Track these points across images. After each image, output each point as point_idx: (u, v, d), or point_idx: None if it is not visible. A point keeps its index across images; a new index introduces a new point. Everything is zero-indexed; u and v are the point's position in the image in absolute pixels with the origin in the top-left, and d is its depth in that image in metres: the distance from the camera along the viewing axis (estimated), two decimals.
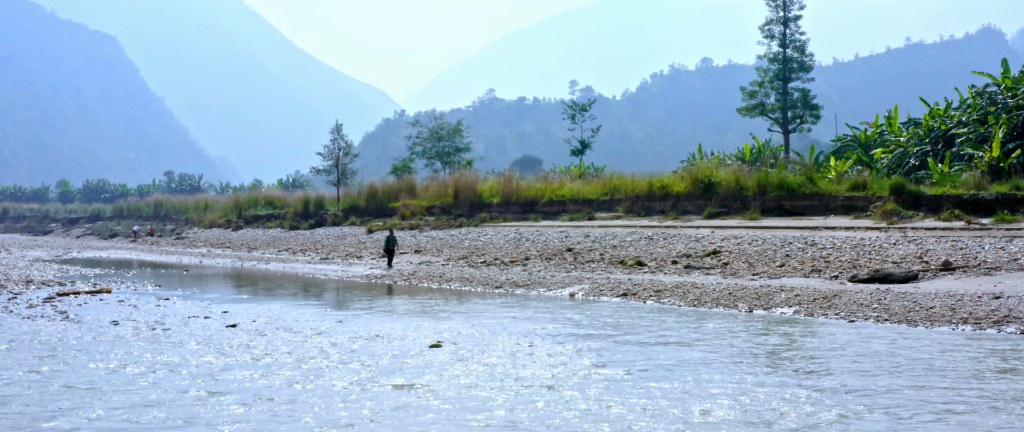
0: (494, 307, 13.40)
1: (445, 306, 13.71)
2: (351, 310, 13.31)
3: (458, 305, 13.83)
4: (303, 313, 12.66)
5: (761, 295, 13.27)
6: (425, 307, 13.62)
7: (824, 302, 12.40)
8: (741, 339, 9.81)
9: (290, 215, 36.69)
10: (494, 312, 12.69)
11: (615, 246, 20.68)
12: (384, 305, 14.16)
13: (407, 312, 12.90)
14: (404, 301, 14.73)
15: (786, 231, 19.72)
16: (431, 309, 13.26)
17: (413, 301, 14.69)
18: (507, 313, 12.51)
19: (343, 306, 13.99)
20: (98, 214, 66.07)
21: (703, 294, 13.71)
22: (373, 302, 14.72)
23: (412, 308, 13.54)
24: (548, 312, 12.58)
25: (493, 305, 13.70)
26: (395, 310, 13.28)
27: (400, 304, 14.21)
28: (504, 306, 13.51)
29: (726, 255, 18.04)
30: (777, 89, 37.51)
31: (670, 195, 25.20)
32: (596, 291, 14.96)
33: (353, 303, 14.61)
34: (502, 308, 13.24)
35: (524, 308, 13.17)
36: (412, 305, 14.05)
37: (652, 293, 14.21)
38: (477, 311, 12.87)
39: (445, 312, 12.82)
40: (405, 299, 15.08)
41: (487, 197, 29.34)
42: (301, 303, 14.37)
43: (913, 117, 32.68)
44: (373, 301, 14.94)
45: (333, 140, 37.11)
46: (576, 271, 18.09)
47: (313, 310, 13.12)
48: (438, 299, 14.94)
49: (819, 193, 22.73)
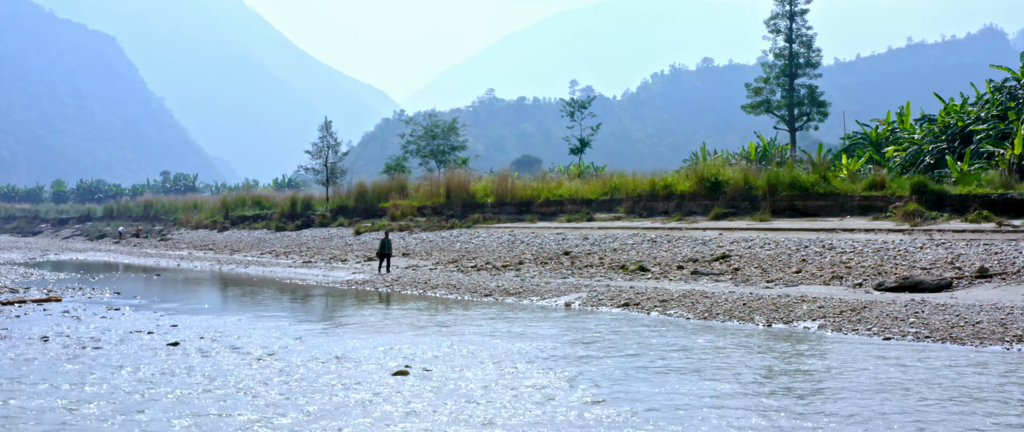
0: (480, 319, 11.95)
1: (424, 318, 12.25)
2: (318, 323, 11.85)
3: (440, 317, 12.38)
4: (262, 327, 11.21)
5: (779, 306, 11.82)
6: (401, 320, 12.16)
7: (852, 315, 10.95)
8: (764, 363, 8.34)
9: (276, 216, 35.20)
10: (479, 326, 11.24)
11: (615, 249, 19.23)
12: (356, 317, 12.70)
13: (380, 326, 11.45)
14: (380, 312, 13.27)
15: (800, 233, 18.26)
16: (408, 322, 11.80)
17: (390, 312, 13.24)
18: (493, 327, 11.06)
19: (311, 318, 12.53)
20: (88, 215, 64.82)
21: (714, 305, 12.25)
22: (345, 313, 13.27)
23: (387, 321, 12.09)
24: (540, 326, 11.13)
25: (479, 317, 12.25)
26: (367, 323, 11.82)
27: (375, 316, 12.76)
28: (491, 318, 12.06)
29: (736, 260, 16.58)
30: (783, 85, 36.06)
31: (674, 195, 23.74)
32: (594, 300, 13.51)
33: (323, 314, 13.16)
34: (489, 320, 11.79)
35: (513, 321, 11.72)
36: (388, 317, 12.60)
37: (656, 303, 12.76)
38: (459, 325, 11.42)
39: (423, 326, 11.37)
40: (382, 309, 13.63)
41: (481, 197, 27.84)
42: (265, 314, 12.92)
43: (928, 113, 31.34)
44: (346, 312, 13.49)
45: (322, 137, 35.59)
46: (573, 277, 16.64)
47: (275, 323, 11.67)
48: (419, 309, 13.49)
49: (834, 192, 21.26)
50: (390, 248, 19.33)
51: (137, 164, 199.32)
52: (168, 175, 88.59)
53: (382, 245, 19.20)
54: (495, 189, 27.50)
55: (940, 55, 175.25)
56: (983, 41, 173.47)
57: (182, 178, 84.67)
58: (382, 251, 19.11)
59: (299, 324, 11.62)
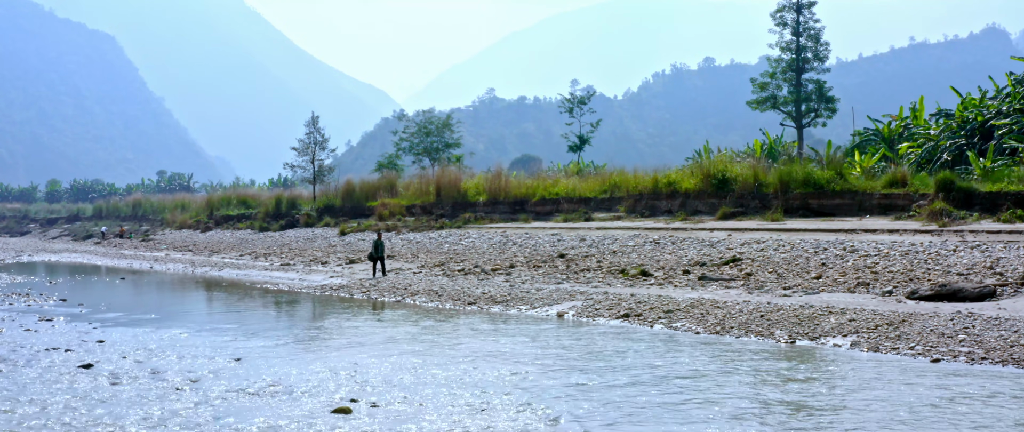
0: (458, 333, 10.42)
1: (394, 331, 10.72)
2: (267, 338, 10.30)
3: (412, 330, 10.84)
4: (202, 343, 9.68)
5: (803, 319, 10.28)
6: (367, 334, 10.62)
7: (889, 330, 9.40)
8: (796, 398, 6.80)
9: (260, 216, 33.62)
10: (455, 342, 9.71)
11: (615, 252, 17.69)
12: (317, 330, 11.16)
13: (339, 342, 9.91)
14: (346, 323, 11.73)
15: (818, 234, 16.70)
16: (373, 337, 10.27)
17: (357, 323, 11.70)
18: (471, 344, 9.52)
19: (264, 331, 10.99)
20: (77, 214, 63.63)
21: (727, 316, 10.71)
22: (306, 325, 11.73)
23: (349, 335, 10.55)
24: (526, 342, 9.59)
25: (458, 330, 10.71)
26: (325, 339, 10.28)
27: (336, 329, 11.22)
28: (472, 332, 10.53)
29: (748, 263, 15.03)
30: (790, 80, 34.50)
31: (678, 193, 22.16)
32: (590, 310, 11.97)
33: (279, 326, 11.61)
34: (468, 335, 10.26)
35: (496, 335, 10.19)
36: (352, 330, 11.05)
37: (661, 314, 11.21)
38: (433, 340, 9.88)
39: (389, 342, 9.83)
40: (348, 320, 12.09)
41: (472, 195, 26.24)
42: (214, 326, 11.38)
43: (943, 108, 29.86)
44: (307, 323, 11.95)
45: (308, 133, 34.00)
46: (568, 283, 15.10)
47: (219, 338, 10.14)
48: (392, 320, 11.95)
49: (851, 190, 19.70)
50: (383, 250, 17.67)
51: (136, 164, 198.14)
52: (164, 175, 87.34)
53: (374, 247, 17.46)
54: (488, 187, 25.91)
55: (942, 55, 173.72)
56: (986, 41, 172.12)
57: (177, 178, 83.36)
58: (374, 253, 17.49)
59: (247, 340, 10.08)
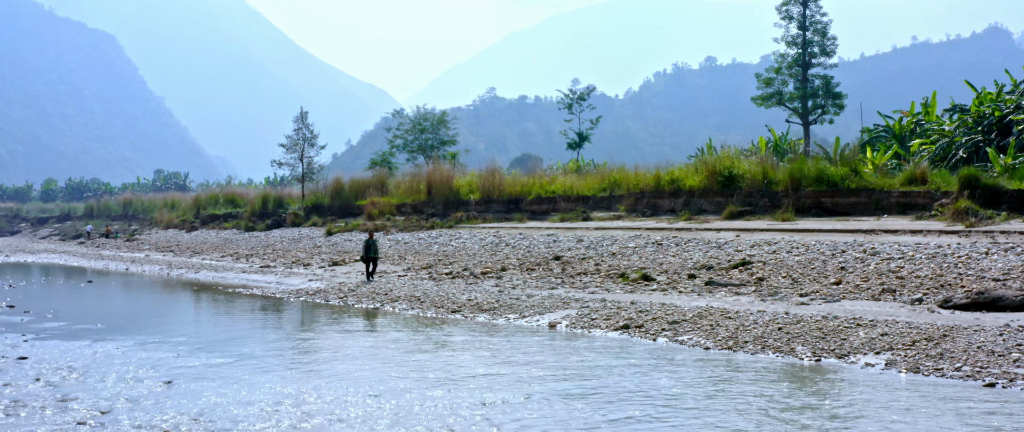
0: (432, 349, 9.17)
1: (360, 346, 9.46)
2: (214, 354, 9.02)
3: (381, 344, 9.59)
4: (136, 360, 8.43)
5: (827, 332, 9.02)
6: (328, 350, 9.37)
7: (929, 347, 8.14)
8: None
9: (246, 215, 32.36)
10: (426, 360, 8.46)
11: (615, 254, 16.43)
12: (274, 343, 9.89)
13: (292, 360, 8.65)
14: (307, 337, 10.48)
15: (833, 235, 15.42)
16: (334, 354, 9.02)
17: (320, 337, 10.44)
18: (445, 363, 8.27)
19: (213, 345, 9.71)
20: (68, 213, 62.71)
21: (740, 329, 9.44)
22: (265, 337, 10.46)
23: (306, 352, 9.29)
24: (510, 360, 8.33)
25: (433, 345, 9.46)
26: (277, 355, 9.01)
27: (295, 343, 9.96)
28: (449, 347, 9.27)
29: (759, 267, 13.77)
30: (796, 76, 33.26)
31: (682, 191, 20.88)
32: (586, 320, 10.72)
33: (233, 339, 10.33)
34: (444, 351, 9.01)
35: (477, 351, 8.93)
36: (310, 346, 9.80)
37: (665, 325, 9.96)
38: (401, 359, 8.63)
39: (351, 360, 8.57)
40: (312, 332, 10.85)
41: (465, 194, 24.96)
42: (160, 338, 10.13)
43: (958, 103, 28.62)
44: (267, 335, 10.68)
45: (297, 129, 32.74)
46: (562, 288, 13.84)
47: (158, 353, 8.89)
48: (361, 332, 10.71)
49: (867, 188, 18.41)
50: (376, 251, 16.31)
51: (136, 163, 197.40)
52: (161, 174, 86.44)
53: (366, 247, 16.13)
54: (481, 185, 24.62)
55: (945, 54, 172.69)
56: (988, 40, 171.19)
57: (174, 177, 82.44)
58: (367, 255, 16.09)
59: (190, 356, 8.82)
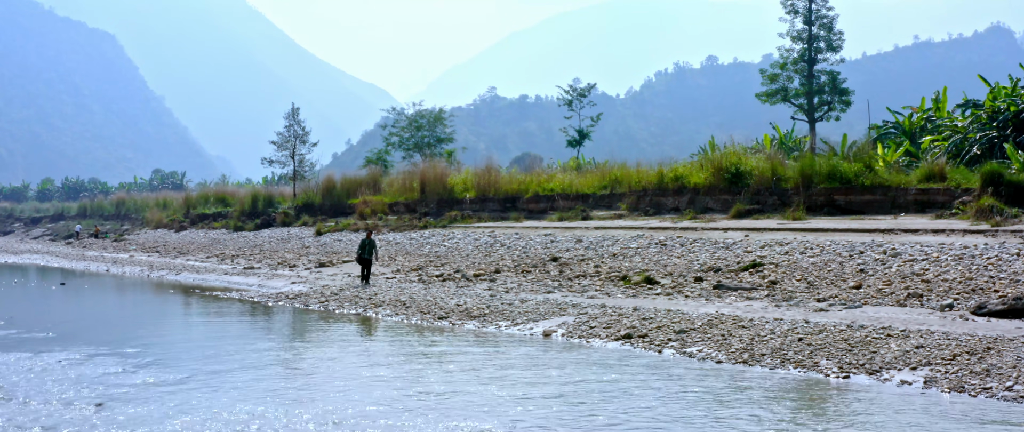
0: (409, 363, 8.20)
1: (329, 359, 8.49)
2: (164, 368, 8.03)
3: (351, 358, 8.62)
4: (76, 376, 7.47)
5: (854, 344, 8.04)
6: (290, 364, 8.40)
7: (972, 361, 7.18)
8: None
9: (235, 215, 31.40)
10: (399, 375, 7.49)
11: (616, 255, 15.45)
12: (228, 358, 8.89)
13: (247, 377, 7.67)
14: (272, 348, 9.51)
15: (849, 235, 14.44)
16: (296, 369, 8.05)
17: (286, 348, 9.47)
18: (420, 381, 7.30)
19: (166, 357, 8.74)
20: (62, 213, 62.00)
21: (755, 340, 8.47)
22: (223, 348, 9.46)
23: (265, 367, 8.32)
24: (495, 377, 7.37)
25: (410, 358, 8.50)
26: (232, 371, 8.02)
27: (257, 356, 8.98)
28: (428, 361, 8.31)
29: (771, 269, 12.79)
30: (802, 71, 32.27)
31: (686, 188, 19.90)
32: (584, 328, 9.75)
33: (190, 349, 9.33)
34: (421, 366, 8.04)
35: (460, 365, 7.97)
36: (273, 359, 8.82)
37: (671, 335, 8.99)
38: (370, 375, 7.67)
39: (312, 377, 7.61)
40: (280, 342, 9.89)
41: (459, 192, 23.96)
42: (111, 349, 9.16)
43: (971, 99, 27.67)
44: (225, 345, 9.68)
45: (287, 126, 31.76)
46: (559, 291, 12.87)
47: (102, 368, 7.92)
48: (334, 342, 9.75)
49: (882, 185, 17.43)
50: (373, 251, 14.99)
51: (136, 163, 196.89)
52: (160, 173, 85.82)
53: (362, 248, 14.94)
54: (476, 183, 23.63)
55: (947, 53, 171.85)
56: (990, 39, 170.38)
57: (171, 176, 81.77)
58: (363, 256, 14.89)
59: (136, 370, 7.84)
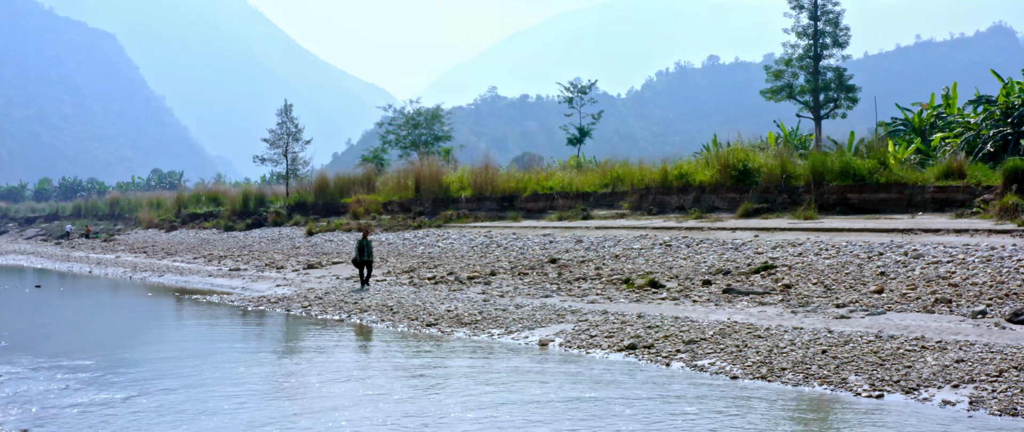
0: (385, 379, 7.36)
1: (296, 373, 7.66)
2: (114, 384, 7.18)
3: (321, 373, 7.78)
4: (10, 393, 6.66)
5: (885, 357, 7.21)
6: (247, 382, 7.56)
7: (1023, 378, 6.34)
8: None
9: (226, 214, 30.57)
10: (370, 394, 6.66)
11: (618, 256, 14.62)
12: (188, 374, 8.03)
13: (198, 397, 6.84)
14: (237, 359, 8.68)
15: (866, 235, 13.59)
16: (252, 388, 7.22)
17: (253, 359, 8.63)
18: (394, 401, 6.46)
19: (122, 368, 7.89)
20: (56, 213, 61.38)
21: (774, 351, 7.63)
22: (185, 359, 8.64)
23: (223, 384, 7.48)
24: (479, 398, 6.53)
25: (387, 372, 7.66)
26: (182, 390, 7.19)
27: (219, 370, 8.15)
28: (408, 377, 7.47)
29: (784, 272, 11.96)
30: (807, 68, 31.40)
31: (691, 186, 19.06)
32: (584, 337, 8.91)
33: (151, 360, 8.46)
34: (399, 383, 7.20)
35: (442, 383, 7.13)
36: (232, 375, 8.00)
37: (680, 345, 8.15)
38: (334, 394, 6.83)
39: (269, 397, 6.78)
40: (248, 353, 9.05)
41: (455, 190, 23.12)
42: (63, 361, 8.32)
43: (984, 94, 26.84)
44: (189, 355, 8.87)
45: (280, 123, 30.95)
46: (558, 295, 12.04)
47: (42, 385, 7.09)
48: (306, 353, 8.92)
49: (898, 182, 16.59)
50: (371, 253, 14.20)
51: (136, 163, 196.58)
52: (158, 173, 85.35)
53: (359, 249, 14.13)
54: (473, 181, 22.79)
55: (949, 53, 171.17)
56: (992, 39, 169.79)
57: (169, 176, 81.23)
58: (359, 257, 14.06)
59: (84, 386, 7.01)
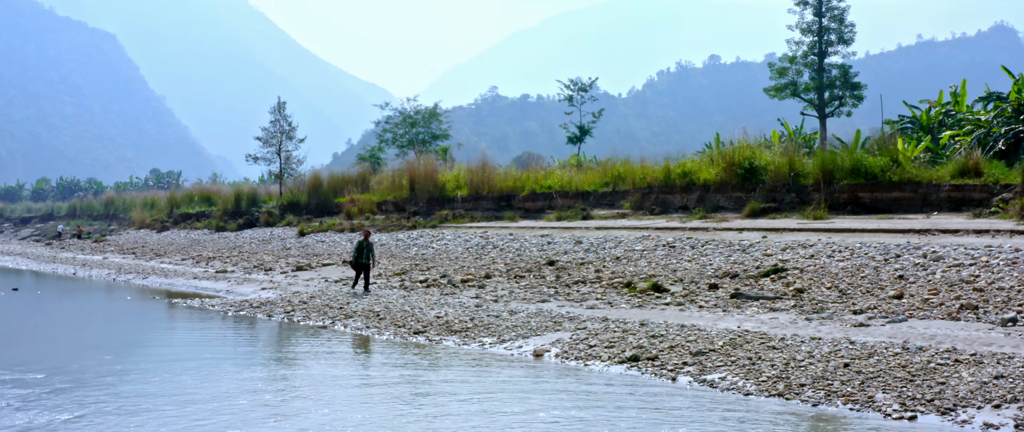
0: (362, 394, 6.68)
1: (258, 388, 6.98)
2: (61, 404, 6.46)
3: (289, 388, 7.10)
4: None
5: (914, 372, 6.52)
6: (203, 402, 6.89)
7: None
8: None
9: (218, 215, 29.90)
10: (342, 418, 5.97)
11: (619, 258, 13.93)
12: (144, 393, 7.38)
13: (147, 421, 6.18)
14: (203, 374, 8.00)
15: (881, 236, 12.89)
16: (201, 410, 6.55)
17: (219, 373, 7.96)
18: (346, 418, 5.77)
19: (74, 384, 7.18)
20: (51, 213, 60.99)
21: (791, 365, 6.94)
22: (140, 378, 7.94)
23: (174, 405, 6.82)
24: (459, 419, 5.85)
25: (365, 386, 6.97)
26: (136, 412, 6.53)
27: (179, 386, 7.48)
28: (385, 394, 6.78)
29: (796, 275, 11.27)
30: (812, 65, 30.72)
31: (695, 185, 18.37)
32: (582, 347, 8.22)
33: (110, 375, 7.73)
34: (377, 402, 6.52)
35: (422, 400, 6.45)
36: (192, 395, 7.32)
37: (687, 357, 7.47)
38: (288, 411, 6.14)
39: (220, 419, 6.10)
40: (217, 365, 8.37)
41: (451, 190, 22.42)
42: (13, 375, 7.66)
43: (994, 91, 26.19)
44: (145, 374, 8.17)
45: (273, 121, 30.27)
46: (555, 300, 11.36)
47: None
48: (277, 364, 8.24)
49: (912, 181, 15.90)
50: (371, 255, 12.86)
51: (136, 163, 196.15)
52: (156, 173, 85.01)
53: (357, 251, 12.77)
54: (469, 180, 22.09)
55: (950, 52, 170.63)
56: (994, 38, 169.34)
57: (167, 176, 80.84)
58: (358, 260, 12.75)
59: (27, 405, 6.34)
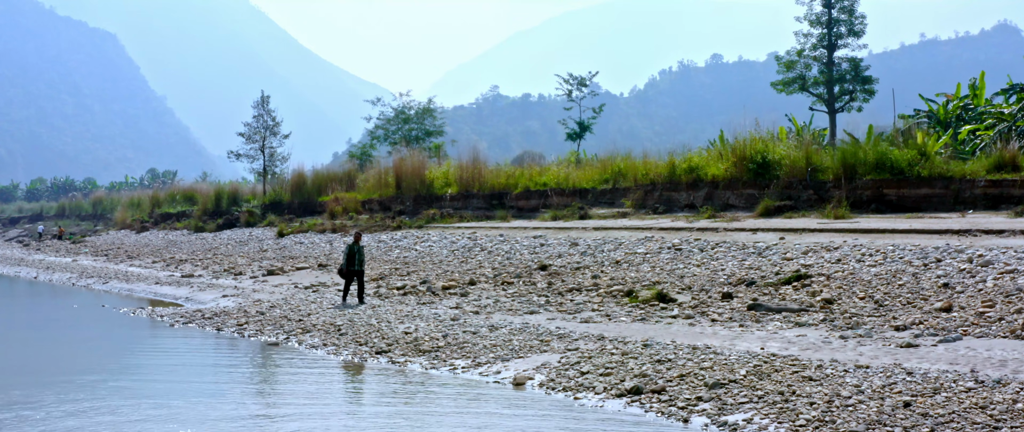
0: None
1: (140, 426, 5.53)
2: None
3: (171, 426, 5.64)
4: None
5: (997, 415, 5.05)
6: None
7: None
8: None
9: (197, 214, 28.55)
10: None
11: (619, 262, 12.45)
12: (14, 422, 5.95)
13: None
14: (95, 408, 6.56)
15: (914, 237, 11.39)
16: None
17: (106, 409, 6.52)
18: None
19: None
20: (40, 213, 60.12)
21: (834, 403, 5.45)
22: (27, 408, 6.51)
23: None
24: None
25: None
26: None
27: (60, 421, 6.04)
28: None
29: (822, 283, 9.79)
30: (821, 59, 29.24)
31: (702, 182, 16.90)
32: (574, 375, 6.74)
33: None
34: None
35: None
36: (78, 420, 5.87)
37: (703, 390, 5.98)
38: None
39: None
40: (121, 394, 6.93)
41: (440, 187, 20.96)
42: None
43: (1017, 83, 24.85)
44: (41, 401, 6.73)
45: (257, 116, 28.88)
46: (545, 311, 9.89)
47: None
48: (219, 386, 6.79)
49: (943, 176, 14.41)
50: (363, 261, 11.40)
51: (137, 163, 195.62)
52: (153, 172, 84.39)
53: (347, 256, 11.32)
54: (459, 177, 20.62)
55: (953, 52, 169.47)
56: (997, 37, 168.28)
57: (164, 175, 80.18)
58: (348, 266, 11.30)
59: None
